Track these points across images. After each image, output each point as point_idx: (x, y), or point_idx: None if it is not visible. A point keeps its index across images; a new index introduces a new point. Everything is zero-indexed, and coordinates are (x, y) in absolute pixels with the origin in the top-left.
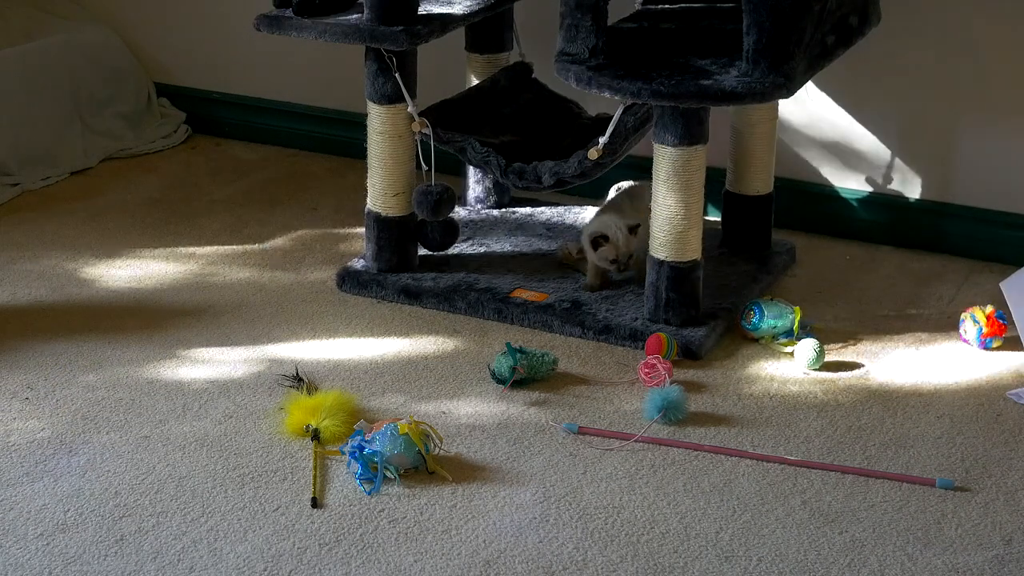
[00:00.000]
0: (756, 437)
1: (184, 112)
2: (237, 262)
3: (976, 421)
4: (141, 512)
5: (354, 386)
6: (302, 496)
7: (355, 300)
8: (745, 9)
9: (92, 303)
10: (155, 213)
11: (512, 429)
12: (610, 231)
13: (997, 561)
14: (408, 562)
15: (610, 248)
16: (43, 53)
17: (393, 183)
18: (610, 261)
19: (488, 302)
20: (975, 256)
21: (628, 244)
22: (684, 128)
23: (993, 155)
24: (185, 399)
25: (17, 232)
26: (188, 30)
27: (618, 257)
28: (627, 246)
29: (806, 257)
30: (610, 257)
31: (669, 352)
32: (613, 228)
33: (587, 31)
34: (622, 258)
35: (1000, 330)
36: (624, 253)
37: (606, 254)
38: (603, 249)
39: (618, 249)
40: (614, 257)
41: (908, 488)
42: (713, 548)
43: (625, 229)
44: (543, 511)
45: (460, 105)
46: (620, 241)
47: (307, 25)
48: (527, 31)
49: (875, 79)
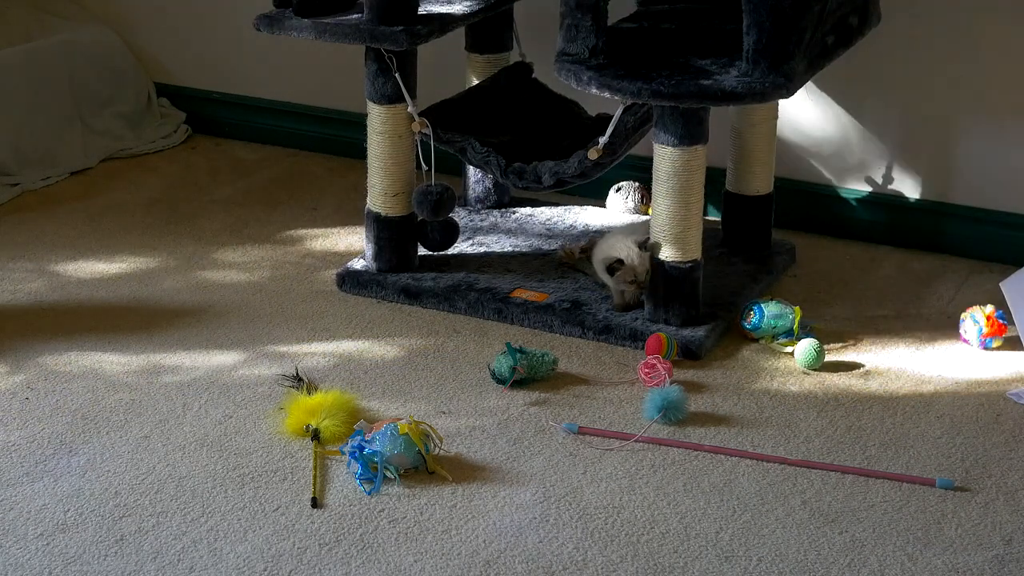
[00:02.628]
0: (756, 437)
1: (184, 112)
2: (237, 262)
3: (976, 421)
4: (141, 512)
5: (354, 386)
6: (302, 496)
7: (355, 300)
8: (745, 9)
9: (92, 303)
10: (155, 213)
11: (512, 429)
12: (622, 254)
13: (997, 561)
14: (408, 562)
15: (627, 271)
16: (43, 53)
17: (393, 183)
18: (629, 283)
19: (488, 302)
20: (975, 256)
21: (643, 261)
22: (684, 128)
23: (993, 155)
24: (185, 399)
25: (17, 232)
26: (188, 30)
27: (636, 277)
28: (642, 264)
29: (806, 257)
30: (628, 279)
31: (669, 352)
32: (624, 250)
33: (587, 31)
34: (640, 277)
35: (1000, 330)
36: (641, 272)
37: (624, 277)
38: (620, 273)
39: (635, 269)
40: (632, 278)
41: (908, 488)
42: (713, 548)
43: (636, 247)
44: (543, 511)
45: (460, 105)
46: (635, 261)
47: (307, 25)
48: (527, 31)
49: (875, 79)
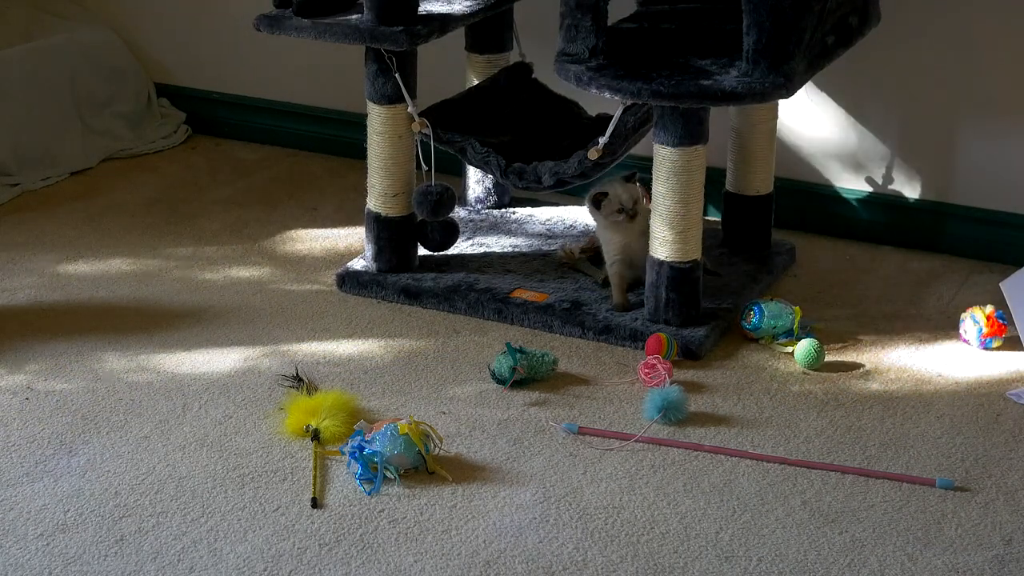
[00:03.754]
0: (756, 437)
1: (184, 112)
2: (237, 262)
3: (976, 421)
4: (141, 512)
5: (354, 386)
6: (302, 496)
7: (355, 300)
8: (745, 9)
9: (92, 303)
10: (155, 213)
11: (512, 429)
12: (605, 186)
13: (997, 561)
14: (408, 562)
15: (612, 200)
16: (43, 53)
17: (393, 183)
18: (617, 211)
19: (488, 302)
20: (975, 256)
21: (628, 190)
22: (684, 128)
23: (993, 155)
24: (185, 399)
25: (17, 232)
26: (188, 30)
27: (623, 204)
28: (627, 192)
29: (806, 257)
30: (615, 207)
31: (669, 352)
32: (607, 183)
33: (587, 31)
34: (627, 204)
35: (1000, 330)
36: (628, 199)
37: (611, 206)
38: (605, 204)
39: (620, 197)
40: (619, 206)
41: (908, 488)
42: (713, 548)
43: (620, 179)
44: (543, 511)
45: (460, 105)
46: (618, 189)
47: (307, 25)
48: (527, 31)
49: (875, 79)
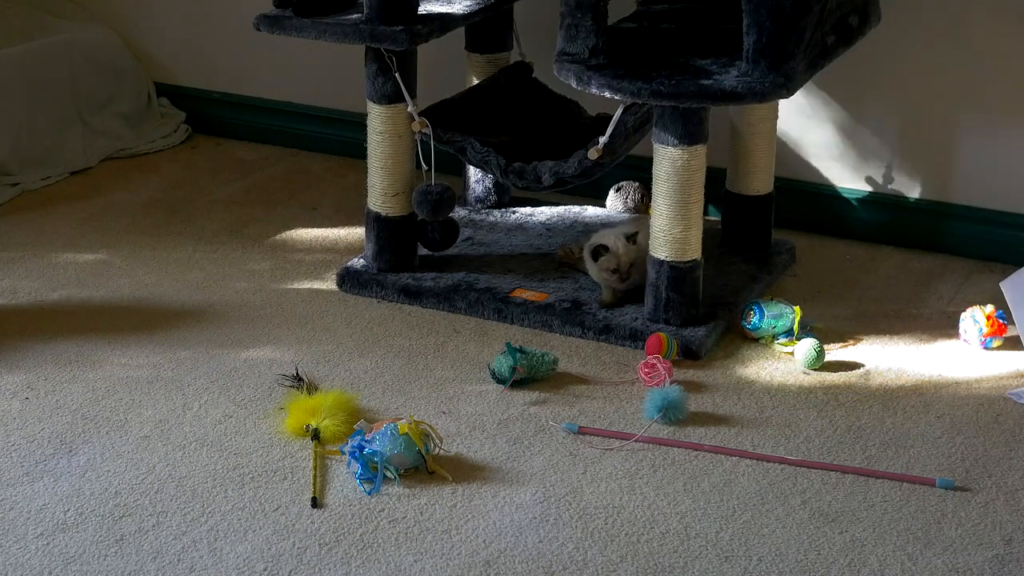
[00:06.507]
0: (756, 437)
1: (184, 112)
2: (237, 262)
3: (976, 421)
4: (141, 512)
5: (354, 386)
6: (302, 496)
7: (355, 300)
8: (745, 9)
9: (92, 303)
10: (155, 213)
11: (512, 429)
12: (608, 241)
13: (997, 561)
14: (408, 562)
15: (610, 258)
16: (43, 53)
17: (393, 183)
18: (611, 271)
19: (488, 302)
20: (975, 256)
21: (628, 253)
22: (684, 128)
23: (993, 155)
24: (185, 399)
25: (17, 232)
26: (188, 30)
27: (619, 266)
28: (627, 255)
29: (806, 257)
30: (611, 267)
31: (669, 352)
32: (611, 238)
33: (587, 31)
34: (623, 267)
35: (1000, 330)
36: (624, 262)
37: (607, 264)
38: (603, 259)
39: (618, 258)
40: (615, 267)
41: (908, 488)
42: (713, 548)
43: (623, 238)
44: (543, 511)
45: (460, 105)
46: (620, 250)
47: (307, 25)
48: (527, 31)
49: (875, 79)
